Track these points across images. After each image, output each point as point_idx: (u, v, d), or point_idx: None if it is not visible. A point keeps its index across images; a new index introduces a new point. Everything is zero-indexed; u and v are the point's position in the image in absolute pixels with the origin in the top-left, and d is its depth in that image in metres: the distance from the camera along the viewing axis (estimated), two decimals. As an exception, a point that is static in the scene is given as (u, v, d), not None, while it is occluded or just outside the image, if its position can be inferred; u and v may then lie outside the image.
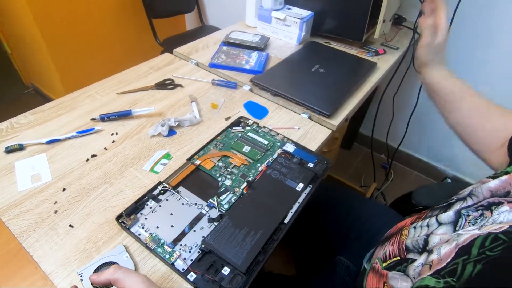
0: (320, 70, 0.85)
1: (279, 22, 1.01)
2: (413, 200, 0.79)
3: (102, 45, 1.69)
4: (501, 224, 0.36)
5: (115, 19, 1.67)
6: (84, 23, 1.55)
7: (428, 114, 1.42)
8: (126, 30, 1.75)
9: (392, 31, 1.16)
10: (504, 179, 0.42)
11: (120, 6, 1.66)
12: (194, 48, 0.96)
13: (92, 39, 1.62)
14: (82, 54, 1.62)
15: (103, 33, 1.66)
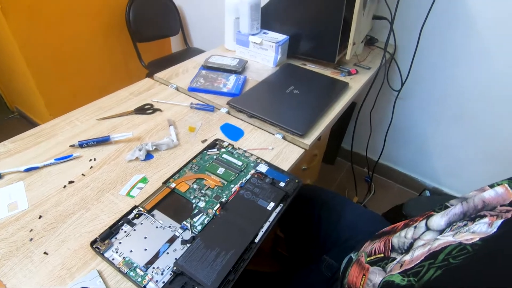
0: (295, 91, 0.89)
1: (256, 46, 1.06)
2: (404, 211, 0.82)
3: (87, 69, 1.71)
4: (473, 235, 0.38)
5: (101, 44, 1.71)
6: (69, 48, 1.58)
7: (404, 128, 1.47)
8: (112, 54, 1.79)
9: (364, 51, 1.22)
10: (500, 192, 0.43)
11: (106, 32, 1.70)
12: (174, 72, 0.99)
13: (77, 63, 1.65)
14: (66, 78, 1.64)
15: (88, 57, 1.69)
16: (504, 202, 0.42)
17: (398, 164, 1.61)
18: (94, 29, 1.65)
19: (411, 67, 1.23)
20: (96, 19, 1.64)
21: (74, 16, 1.54)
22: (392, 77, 1.34)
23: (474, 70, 1.20)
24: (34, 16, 1.40)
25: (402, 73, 1.29)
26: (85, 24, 1.60)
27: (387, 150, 1.52)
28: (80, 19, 1.57)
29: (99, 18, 1.65)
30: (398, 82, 1.31)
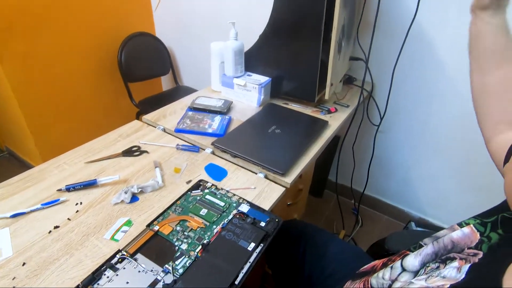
0: (277, 130, 0.94)
1: (241, 87, 1.12)
2: (386, 246, 0.84)
3: (79, 108, 1.76)
4: (444, 281, 0.40)
5: (93, 84, 1.77)
6: (61, 88, 1.64)
7: (386, 159, 1.52)
8: (103, 93, 1.85)
9: (343, 90, 1.30)
10: (466, 233, 0.46)
11: (98, 72, 1.77)
12: (162, 114, 1.04)
13: (69, 103, 1.70)
14: (58, 117, 1.67)
15: (80, 97, 1.74)
16: (471, 244, 0.45)
17: (384, 195, 1.65)
18: (86, 71, 1.72)
19: (387, 104, 1.30)
20: (88, 61, 1.71)
21: (68, 59, 1.61)
22: (372, 112, 1.41)
23: (447, 106, 1.28)
24: (28, 60, 1.46)
25: (380, 109, 1.37)
26: (78, 66, 1.67)
27: (372, 182, 1.56)
28: (73, 61, 1.64)
29: (92, 60, 1.73)
30: (378, 117, 1.38)
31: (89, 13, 1.62)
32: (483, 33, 0.55)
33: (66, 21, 1.53)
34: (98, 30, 1.69)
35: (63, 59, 1.59)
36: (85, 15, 1.60)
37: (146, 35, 1.87)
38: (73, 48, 1.61)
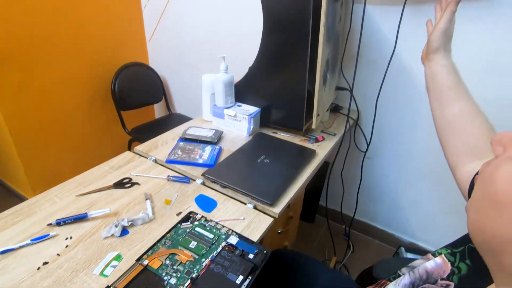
0: (265, 160, 0.97)
1: (231, 118, 1.16)
2: (374, 274, 0.85)
3: (71, 137, 1.77)
4: None
5: (86, 112, 1.80)
6: (54, 117, 1.65)
7: (375, 185, 1.56)
8: (96, 122, 1.87)
9: (331, 118, 1.34)
10: (439, 263, 0.48)
11: (91, 101, 1.80)
12: (153, 145, 1.06)
13: (61, 132, 1.71)
14: (49, 146, 1.68)
15: (73, 125, 1.76)
16: (443, 275, 0.47)
17: (374, 220, 1.66)
18: (80, 100, 1.75)
19: (372, 131, 1.35)
20: (82, 90, 1.75)
21: (62, 89, 1.64)
22: (359, 139, 1.46)
23: (430, 133, 1.33)
24: (23, 90, 1.49)
25: (366, 136, 1.42)
26: (71, 96, 1.70)
27: (362, 207, 1.59)
28: (67, 91, 1.67)
29: (86, 89, 1.76)
30: (364, 144, 1.42)
31: (84, 44, 1.67)
32: (437, 73, 0.64)
33: (61, 52, 1.58)
34: (92, 61, 1.74)
35: (57, 89, 1.62)
36: (80, 46, 1.65)
37: (140, 65, 1.93)
38: (67, 79, 1.65)
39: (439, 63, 0.65)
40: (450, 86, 0.62)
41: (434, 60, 0.66)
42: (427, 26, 0.73)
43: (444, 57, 0.65)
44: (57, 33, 1.53)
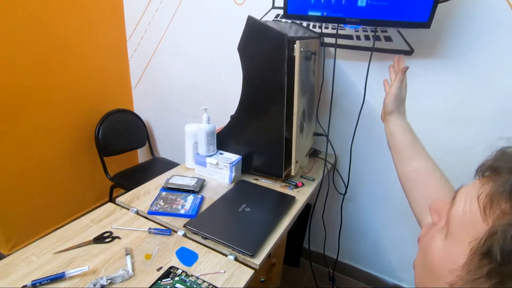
0: (246, 209, 0.99)
1: (213, 166, 1.19)
2: None
3: (51, 185, 1.74)
4: None
5: (68, 159, 1.79)
6: (35, 166, 1.64)
7: (356, 226, 1.59)
8: (78, 170, 1.86)
9: (310, 163, 1.40)
10: None
11: (74, 148, 1.81)
12: (135, 195, 1.07)
13: (41, 181, 1.69)
14: (29, 196, 1.64)
15: (54, 174, 1.74)
16: None
17: (358, 262, 1.67)
18: (62, 147, 1.75)
19: (349, 174, 1.41)
20: (65, 138, 1.76)
21: (45, 136, 1.65)
22: (338, 182, 1.51)
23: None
24: (4, 139, 1.49)
25: (344, 179, 1.47)
26: (54, 143, 1.71)
27: (345, 248, 1.60)
28: (50, 139, 1.68)
29: (69, 137, 1.77)
30: (343, 186, 1.47)
31: (70, 93, 1.71)
32: (394, 133, 0.72)
33: (46, 101, 1.61)
34: (77, 109, 1.77)
35: (40, 137, 1.63)
36: (65, 95, 1.69)
37: (124, 111, 1.97)
38: (51, 126, 1.67)
39: (394, 123, 0.73)
40: (406, 144, 0.69)
41: (390, 120, 0.74)
42: (384, 85, 0.82)
43: (399, 118, 0.73)
44: (42, 83, 1.57)
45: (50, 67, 1.59)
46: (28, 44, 1.48)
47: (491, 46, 1.09)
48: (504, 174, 0.29)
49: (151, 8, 1.79)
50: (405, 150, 0.68)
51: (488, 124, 1.17)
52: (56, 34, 1.58)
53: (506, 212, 0.27)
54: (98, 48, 1.81)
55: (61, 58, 1.63)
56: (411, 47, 1.23)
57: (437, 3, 0.99)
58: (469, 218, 0.30)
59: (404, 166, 0.67)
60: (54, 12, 1.55)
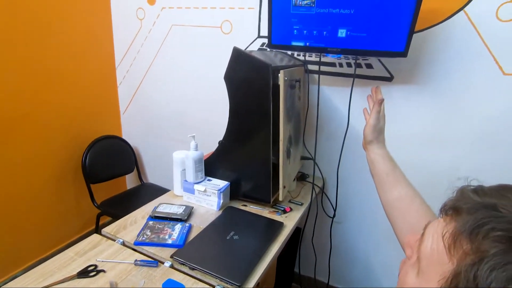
0: (235, 237, 0.99)
1: (201, 193, 1.19)
2: None
3: (36, 214, 1.70)
4: None
5: (53, 188, 1.76)
6: (17, 197, 1.60)
7: (346, 249, 1.58)
8: (63, 198, 1.82)
9: (298, 187, 1.41)
10: None
11: (60, 177, 1.78)
12: (122, 225, 1.06)
13: (25, 211, 1.64)
14: (12, 227, 1.59)
15: (38, 202, 1.70)
16: None
17: (349, 286, 1.65)
18: (48, 175, 1.72)
19: (337, 197, 1.43)
20: (52, 166, 1.73)
21: (31, 165, 1.63)
22: (327, 205, 1.52)
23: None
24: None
25: (332, 202, 1.48)
26: (40, 172, 1.68)
27: (336, 272, 1.59)
28: (36, 167, 1.65)
29: (55, 165, 1.75)
30: (332, 209, 1.48)
31: (57, 120, 1.70)
32: (374, 161, 0.75)
33: (34, 130, 1.60)
34: (64, 136, 1.76)
35: (26, 167, 1.60)
36: (53, 123, 1.69)
37: (112, 137, 1.97)
38: (38, 155, 1.65)
39: (374, 152, 0.76)
40: (387, 172, 0.71)
41: (370, 149, 0.78)
42: (364, 114, 0.86)
43: (378, 147, 0.76)
44: (28, 111, 1.56)
45: (36, 95, 1.59)
46: (15, 70, 1.49)
47: (464, 74, 1.15)
48: (464, 214, 0.31)
49: (140, 37, 1.83)
50: (386, 179, 0.70)
51: (467, 146, 1.21)
52: (44, 61, 1.59)
53: (467, 253, 0.28)
54: (87, 76, 1.82)
55: (49, 86, 1.64)
56: (391, 73, 1.29)
57: (412, 34, 1.05)
58: (437, 257, 0.31)
59: (386, 194, 0.70)
60: (42, 38, 1.57)
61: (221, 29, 1.57)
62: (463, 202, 0.32)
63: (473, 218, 0.29)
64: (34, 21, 1.52)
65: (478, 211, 0.30)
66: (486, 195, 0.32)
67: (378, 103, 0.78)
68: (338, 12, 1.09)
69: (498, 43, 1.08)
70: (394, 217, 0.67)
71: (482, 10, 1.08)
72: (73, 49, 1.71)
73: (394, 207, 0.67)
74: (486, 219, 0.29)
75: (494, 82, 1.12)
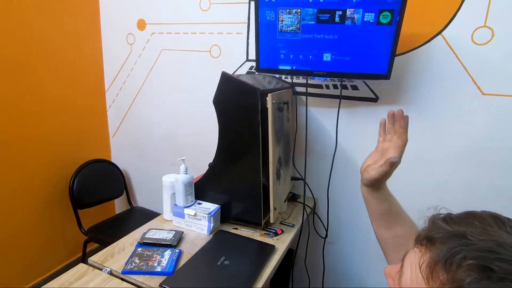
0: (225, 262, 0.97)
1: (191, 217, 1.18)
2: None
3: (19, 244, 1.64)
4: None
5: (37, 216, 1.70)
6: (0, 222, 1.55)
7: (339, 270, 1.56)
8: (48, 225, 1.77)
9: (289, 208, 1.41)
10: None
11: (46, 203, 1.73)
12: (109, 253, 1.03)
13: (7, 241, 1.58)
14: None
15: (22, 231, 1.64)
16: None
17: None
18: (33, 204, 1.68)
19: (328, 217, 1.43)
20: (37, 194, 1.69)
21: (15, 194, 1.58)
22: (318, 225, 1.52)
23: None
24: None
25: (323, 222, 1.48)
26: (24, 202, 1.64)
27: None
28: (20, 197, 1.61)
29: (41, 193, 1.71)
30: (324, 229, 1.48)
31: (45, 145, 1.68)
32: (369, 201, 0.69)
33: (19, 154, 1.57)
34: (52, 161, 1.73)
35: (9, 196, 1.56)
36: (40, 147, 1.66)
37: (101, 161, 1.94)
38: (23, 183, 1.61)
39: (368, 193, 0.69)
40: (382, 213, 0.67)
41: (364, 188, 0.70)
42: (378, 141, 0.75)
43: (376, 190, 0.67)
44: (15, 136, 1.54)
45: (25, 119, 1.58)
46: (2, 94, 1.47)
47: (445, 94, 1.20)
48: (437, 244, 0.32)
49: (130, 61, 1.85)
50: (380, 218, 0.67)
51: (452, 164, 1.23)
52: (33, 85, 1.59)
53: (445, 283, 0.29)
54: (76, 100, 1.82)
55: (37, 110, 1.63)
56: (376, 94, 1.32)
57: (393, 57, 1.09)
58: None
59: (380, 230, 0.67)
60: (32, 62, 1.57)
61: (210, 53, 1.61)
62: (435, 232, 0.33)
63: (446, 247, 0.30)
64: (24, 45, 1.53)
65: (450, 240, 0.31)
66: (455, 223, 0.33)
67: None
68: (322, 38, 1.13)
69: (475, 64, 1.14)
70: (389, 252, 0.65)
71: (458, 34, 1.14)
72: (62, 74, 1.72)
73: (388, 243, 0.65)
74: (457, 247, 0.30)
75: (474, 102, 1.16)
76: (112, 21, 1.85)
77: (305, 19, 1.12)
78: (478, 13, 1.09)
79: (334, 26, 1.10)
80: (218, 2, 1.53)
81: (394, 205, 0.67)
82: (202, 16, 1.58)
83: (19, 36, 1.50)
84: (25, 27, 1.52)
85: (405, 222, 0.65)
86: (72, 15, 1.72)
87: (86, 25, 1.81)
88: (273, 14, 1.15)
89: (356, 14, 1.07)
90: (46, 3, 1.58)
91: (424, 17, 1.18)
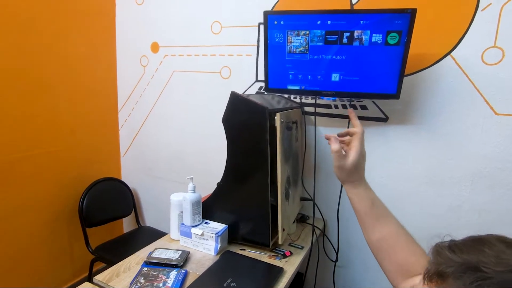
0: (232, 284, 0.94)
1: (198, 236, 1.16)
2: None
3: (25, 263, 1.63)
4: None
5: (45, 234, 1.70)
6: (7, 246, 1.55)
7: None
8: (55, 243, 1.76)
9: (298, 229, 1.38)
10: None
11: (53, 221, 1.73)
12: (115, 272, 1.02)
13: (14, 261, 1.58)
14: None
15: (30, 250, 1.64)
16: None
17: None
18: (42, 222, 1.68)
19: (338, 239, 1.38)
20: (46, 212, 1.70)
21: (24, 212, 1.59)
22: (328, 248, 1.47)
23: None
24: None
25: (334, 244, 1.43)
26: (32, 219, 1.64)
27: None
28: (29, 214, 1.62)
29: (50, 211, 1.72)
30: (334, 252, 1.43)
31: (56, 163, 1.71)
32: (351, 199, 0.70)
33: (30, 172, 1.59)
34: (62, 179, 1.75)
35: (19, 214, 1.56)
36: (51, 166, 1.69)
37: (111, 180, 1.96)
38: (32, 201, 1.62)
39: (349, 192, 0.70)
40: (365, 211, 0.67)
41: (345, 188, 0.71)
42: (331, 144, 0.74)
43: (353, 187, 0.69)
44: (29, 154, 1.57)
45: (40, 138, 1.62)
46: (15, 112, 1.51)
47: (457, 114, 1.18)
48: (450, 280, 0.30)
49: (143, 82, 1.91)
50: (365, 218, 0.66)
51: (467, 186, 1.19)
52: (47, 104, 1.64)
53: None
54: (90, 119, 1.87)
55: (50, 129, 1.66)
56: (385, 114, 1.31)
57: (402, 77, 1.10)
58: None
59: (368, 234, 0.66)
60: (47, 82, 1.62)
61: (221, 74, 1.64)
62: (445, 266, 0.31)
63: (461, 284, 0.28)
64: (42, 66, 1.59)
65: (463, 274, 0.29)
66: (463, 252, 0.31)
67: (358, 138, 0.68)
68: (330, 58, 1.14)
69: (487, 84, 1.12)
70: (381, 259, 0.64)
71: (468, 55, 1.13)
72: (78, 93, 1.78)
73: (378, 248, 0.64)
74: (474, 283, 0.28)
75: (487, 122, 1.14)
76: (127, 43, 1.93)
77: (313, 41, 1.14)
78: (487, 33, 1.09)
79: (342, 47, 1.12)
80: (229, 25, 1.58)
81: (376, 202, 0.68)
82: (213, 39, 1.63)
83: (37, 56, 1.57)
84: (43, 48, 1.58)
85: (389, 219, 0.65)
86: (89, 38, 1.80)
87: (102, 47, 1.89)
88: (282, 36, 1.18)
89: (364, 36, 1.08)
90: (64, 26, 1.66)
91: (433, 38, 1.18)
